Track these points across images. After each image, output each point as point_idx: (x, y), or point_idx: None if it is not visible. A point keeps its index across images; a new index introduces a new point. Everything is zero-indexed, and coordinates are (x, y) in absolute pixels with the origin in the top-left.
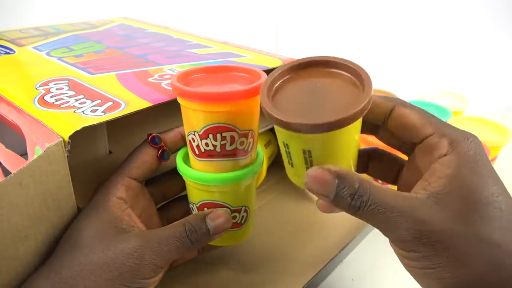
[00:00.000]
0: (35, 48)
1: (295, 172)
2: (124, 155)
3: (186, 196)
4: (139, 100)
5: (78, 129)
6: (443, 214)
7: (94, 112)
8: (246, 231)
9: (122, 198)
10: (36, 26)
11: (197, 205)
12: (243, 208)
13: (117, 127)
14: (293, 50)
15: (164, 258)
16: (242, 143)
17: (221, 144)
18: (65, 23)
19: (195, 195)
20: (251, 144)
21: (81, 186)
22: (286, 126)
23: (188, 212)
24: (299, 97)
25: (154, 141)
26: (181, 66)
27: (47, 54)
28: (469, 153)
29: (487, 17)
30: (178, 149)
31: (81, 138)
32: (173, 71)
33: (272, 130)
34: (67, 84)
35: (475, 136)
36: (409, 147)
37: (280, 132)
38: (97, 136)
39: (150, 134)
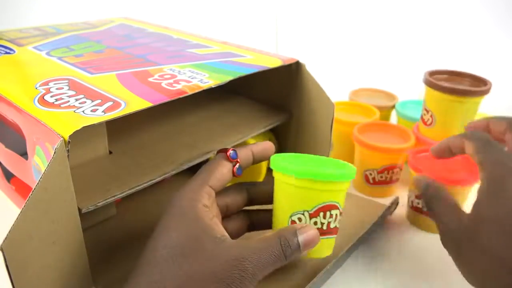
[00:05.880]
0: (35, 48)
1: None
2: (124, 155)
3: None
4: (139, 100)
5: (78, 128)
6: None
7: (94, 111)
8: (334, 241)
9: (206, 206)
10: (36, 26)
11: (311, 212)
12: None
13: (117, 127)
14: (293, 50)
15: (262, 271)
16: None
17: None
18: (65, 23)
19: (311, 199)
20: None
21: (81, 187)
22: None
23: (242, 226)
24: None
25: (231, 156)
26: (181, 66)
27: (47, 54)
28: None
29: (488, 17)
30: (248, 166)
31: (81, 138)
32: (173, 71)
33: (272, 130)
34: (67, 83)
35: None
36: None
37: None
38: (97, 136)
39: (225, 148)
